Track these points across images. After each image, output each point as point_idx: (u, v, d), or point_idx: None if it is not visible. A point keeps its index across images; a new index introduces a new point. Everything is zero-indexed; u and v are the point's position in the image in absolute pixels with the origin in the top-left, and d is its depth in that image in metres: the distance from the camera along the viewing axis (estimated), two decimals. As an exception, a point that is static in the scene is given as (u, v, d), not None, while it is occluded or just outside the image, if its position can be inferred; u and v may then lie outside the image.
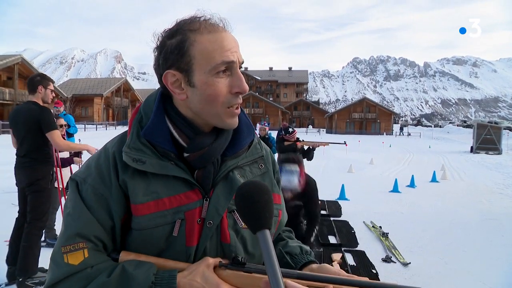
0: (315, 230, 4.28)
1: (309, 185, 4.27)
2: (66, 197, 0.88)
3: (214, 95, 0.83)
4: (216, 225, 0.88)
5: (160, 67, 0.86)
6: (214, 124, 0.89)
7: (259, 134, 7.31)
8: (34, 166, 3.36)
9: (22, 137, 3.36)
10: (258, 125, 7.38)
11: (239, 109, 0.89)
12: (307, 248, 1.04)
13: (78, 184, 0.86)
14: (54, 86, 3.63)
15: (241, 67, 0.89)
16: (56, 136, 3.37)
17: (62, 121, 4.77)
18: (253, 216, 0.70)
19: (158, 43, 0.86)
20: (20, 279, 3.27)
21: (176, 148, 0.88)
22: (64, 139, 4.01)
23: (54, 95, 3.57)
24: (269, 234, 0.68)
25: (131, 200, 0.83)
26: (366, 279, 0.80)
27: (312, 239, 4.08)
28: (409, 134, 47.92)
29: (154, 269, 0.79)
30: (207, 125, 0.90)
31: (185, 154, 0.88)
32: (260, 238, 0.68)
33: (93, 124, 38.16)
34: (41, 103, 3.42)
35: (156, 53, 0.87)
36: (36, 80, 3.42)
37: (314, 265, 0.94)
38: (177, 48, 0.83)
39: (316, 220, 4.34)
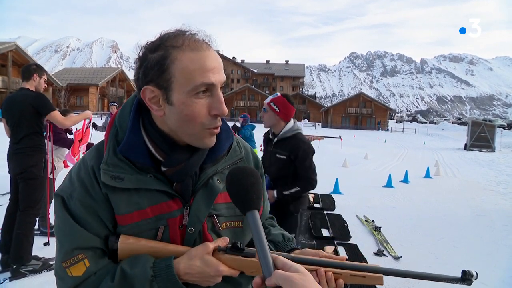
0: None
1: None
2: (55, 214, 0.89)
3: (192, 116, 0.82)
4: (198, 230, 0.90)
5: (140, 80, 0.84)
6: (190, 143, 0.88)
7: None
8: (26, 152, 3.35)
9: (16, 124, 3.35)
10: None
11: (218, 129, 0.88)
12: (289, 235, 1.09)
13: (64, 199, 0.86)
14: (48, 76, 3.71)
15: (223, 87, 0.88)
16: (57, 116, 3.44)
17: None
18: (240, 198, 0.73)
19: (140, 54, 0.85)
20: (14, 267, 3.27)
21: (154, 161, 0.88)
22: None
23: (46, 85, 3.64)
24: (257, 214, 0.71)
25: (115, 212, 0.86)
26: (345, 257, 0.88)
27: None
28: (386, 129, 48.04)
29: (150, 263, 0.82)
30: (183, 141, 0.89)
31: (163, 169, 0.88)
32: (249, 218, 0.71)
33: (88, 114, 37.86)
34: (34, 90, 3.46)
35: (137, 64, 0.85)
36: (32, 68, 3.48)
37: (296, 251, 0.99)
38: (158, 64, 0.81)
39: None
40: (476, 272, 0.81)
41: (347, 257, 0.89)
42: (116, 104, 8.22)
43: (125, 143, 0.86)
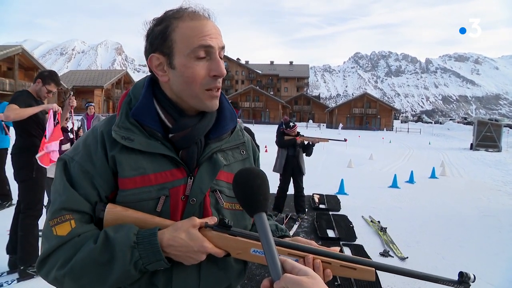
0: None
1: None
2: (54, 178, 0.95)
3: (193, 77, 0.88)
4: (199, 202, 0.93)
5: (147, 51, 0.93)
6: (195, 106, 0.93)
7: None
8: (17, 154, 3.38)
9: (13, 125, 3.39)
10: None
11: (219, 92, 0.94)
12: (283, 227, 1.11)
13: (66, 162, 0.91)
14: (59, 87, 3.49)
15: (222, 54, 0.94)
16: (6, 110, 3.17)
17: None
18: (247, 200, 0.73)
19: (147, 30, 0.94)
20: (22, 268, 3.30)
21: (162, 129, 0.93)
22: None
23: (50, 96, 3.48)
24: (265, 217, 0.70)
25: (119, 174, 0.88)
26: (337, 249, 0.87)
27: None
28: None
29: (134, 230, 0.84)
30: (191, 108, 0.95)
31: (170, 135, 0.93)
32: (257, 221, 0.70)
33: (93, 116, 38.07)
34: (34, 95, 3.41)
35: (145, 38, 0.94)
36: (42, 74, 3.43)
37: (287, 239, 0.98)
38: (161, 33, 0.90)
39: None
40: (474, 275, 0.77)
41: (340, 250, 0.87)
42: (93, 104, 8.19)
43: (138, 107, 0.92)
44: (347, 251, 4.46)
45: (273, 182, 5.91)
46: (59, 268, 0.82)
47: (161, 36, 0.89)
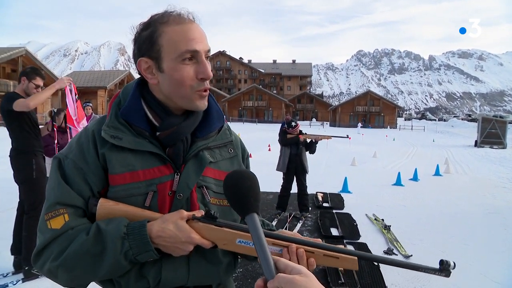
0: None
1: None
2: (49, 175, 0.98)
3: (181, 80, 0.92)
4: (186, 197, 0.96)
5: (136, 55, 0.97)
6: (184, 106, 0.97)
7: None
8: (15, 155, 3.37)
9: (6, 128, 3.37)
10: None
11: (207, 92, 0.98)
12: (268, 222, 1.17)
13: (60, 160, 0.95)
14: (44, 80, 3.42)
15: (208, 56, 0.97)
16: (19, 102, 3.17)
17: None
18: (238, 201, 0.74)
19: (135, 35, 0.97)
20: (26, 268, 3.33)
21: (150, 128, 0.97)
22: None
23: (38, 90, 3.40)
24: (257, 218, 0.71)
25: (109, 171, 0.93)
26: (319, 240, 0.89)
27: None
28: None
29: (125, 222, 0.88)
30: (178, 108, 0.99)
31: (157, 133, 0.97)
32: (248, 222, 0.71)
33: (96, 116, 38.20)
34: (23, 95, 3.35)
35: (133, 43, 0.98)
36: (24, 72, 3.40)
37: (274, 232, 1.02)
38: (148, 38, 0.93)
39: None
40: (454, 262, 0.80)
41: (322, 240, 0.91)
42: (91, 104, 8.12)
43: (126, 107, 0.97)
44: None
45: (277, 181, 5.93)
46: (53, 260, 0.86)
47: (148, 41, 0.93)
